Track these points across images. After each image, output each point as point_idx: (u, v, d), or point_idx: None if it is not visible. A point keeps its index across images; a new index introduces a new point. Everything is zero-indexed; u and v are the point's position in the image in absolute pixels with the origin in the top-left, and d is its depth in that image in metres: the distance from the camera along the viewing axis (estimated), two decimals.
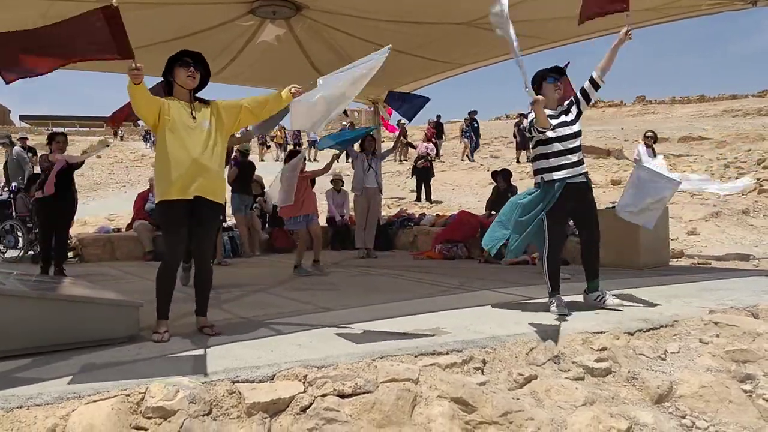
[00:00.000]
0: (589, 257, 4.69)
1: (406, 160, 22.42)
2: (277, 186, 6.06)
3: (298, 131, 26.57)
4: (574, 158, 4.48)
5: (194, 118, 3.79)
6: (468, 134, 21.56)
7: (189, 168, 3.72)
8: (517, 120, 21.55)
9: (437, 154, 22.29)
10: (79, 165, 7.20)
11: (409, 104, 8.95)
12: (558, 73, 4.64)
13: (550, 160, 4.46)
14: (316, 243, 7.27)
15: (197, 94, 3.96)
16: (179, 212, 3.75)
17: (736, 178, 12.76)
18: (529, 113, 4.52)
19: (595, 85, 4.57)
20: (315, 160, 22.68)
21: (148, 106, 3.74)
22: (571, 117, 4.54)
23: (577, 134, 4.53)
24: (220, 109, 3.94)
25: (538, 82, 4.59)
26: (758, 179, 11.85)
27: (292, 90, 4.00)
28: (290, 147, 21.87)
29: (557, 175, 4.42)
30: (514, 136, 21.08)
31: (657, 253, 7.13)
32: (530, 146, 4.70)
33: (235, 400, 2.69)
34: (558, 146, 4.46)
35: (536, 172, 4.57)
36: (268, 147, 27.27)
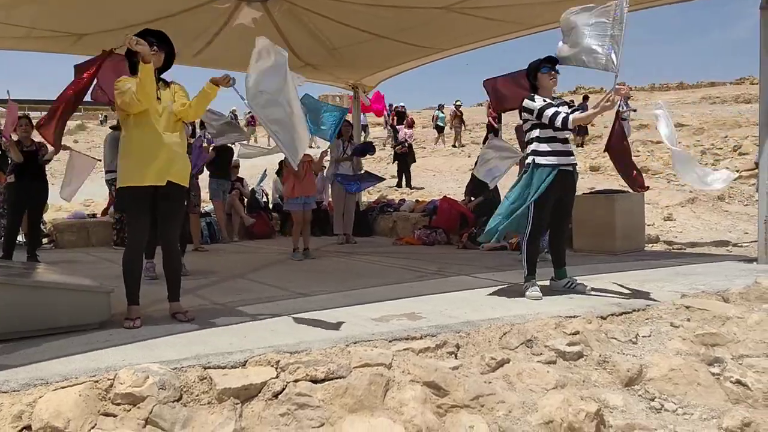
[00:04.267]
0: (560, 245, 4.79)
1: (463, 145, 21.84)
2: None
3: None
4: (566, 147, 4.56)
5: (159, 99, 3.72)
6: None
7: (163, 153, 3.67)
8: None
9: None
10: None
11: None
12: (551, 62, 4.65)
13: (545, 145, 4.49)
14: (305, 230, 7.28)
15: (162, 75, 3.88)
16: (146, 197, 3.71)
17: (713, 165, 12.94)
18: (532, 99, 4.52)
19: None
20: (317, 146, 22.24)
21: (153, 89, 3.64)
22: (565, 110, 4.54)
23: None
24: (176, 93, 3.85)
25: (533, 73, 4.62)
26: (737, 170, 11.98)
27: (215, 80, 3.71)
28: None
29: (550, 160, 4.45)
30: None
31: (632, 238, 7.21)
32: (524, 128, 4.71)
33: (205, 386, 2.67)
34: (553, 133, 4.49)
35: (529, 154, 4.58)
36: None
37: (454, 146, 22.07)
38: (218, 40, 8.24)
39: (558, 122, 4.38)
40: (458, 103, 22.95)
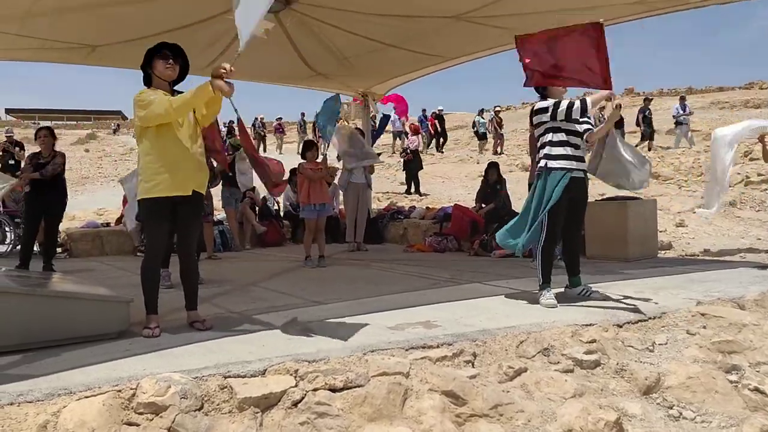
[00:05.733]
0: (574, 252, 4.79)
1: (503, 153, 21.10)
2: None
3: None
4: (578, 153, 4.58)
5: None
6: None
7: (188, 163, 3.72)
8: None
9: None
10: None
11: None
12: None
13: (557, 149, 4.51)
14: (319, 237, 7.32)
15: (176, 87, 3.95)
16: (167, 207, 3.75)
17: None
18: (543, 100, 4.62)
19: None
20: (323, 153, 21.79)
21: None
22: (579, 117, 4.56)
23: (582, 134, 4.60)
24: None
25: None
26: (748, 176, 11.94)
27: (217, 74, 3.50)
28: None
29: (562, 164, 4.47)
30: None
31: (645, 244, 7.19)
32: (536, 133, 4.74)
33: (226, 395, 2.70)
34: (565, 138, 4.52)
35: (541, 158, 4.60)
36: (264, 137, 27.28)
37: (496, 153, 21.51)
38: (230, 51, 8.29)
39: (576, 108, 4.40)
40: (498, 109, 22.62)
